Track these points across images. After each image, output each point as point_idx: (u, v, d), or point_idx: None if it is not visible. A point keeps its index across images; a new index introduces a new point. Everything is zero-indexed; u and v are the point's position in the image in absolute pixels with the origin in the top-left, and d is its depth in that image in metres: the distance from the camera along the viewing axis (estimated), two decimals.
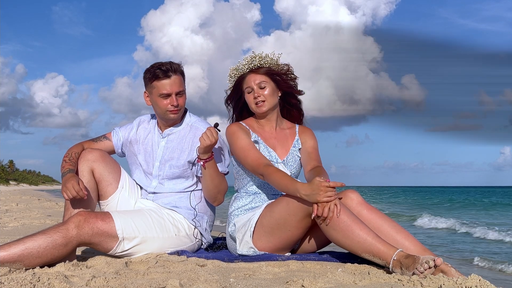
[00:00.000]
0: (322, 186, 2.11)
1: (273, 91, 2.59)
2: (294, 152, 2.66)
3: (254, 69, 2.59)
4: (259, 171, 2.42)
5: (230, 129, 2.59)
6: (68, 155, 2.54)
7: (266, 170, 2.37)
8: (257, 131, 2.65)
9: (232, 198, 2.69)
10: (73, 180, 2.33)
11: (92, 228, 2.24)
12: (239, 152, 2.52)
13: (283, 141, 2.67)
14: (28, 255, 2.09)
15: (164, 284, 1.74)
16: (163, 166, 2.65)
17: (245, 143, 2.51)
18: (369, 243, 2.08)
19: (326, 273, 2.01)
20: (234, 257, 2.42)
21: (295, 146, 2.68)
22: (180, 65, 2.60)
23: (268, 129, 2.67)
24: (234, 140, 2.54)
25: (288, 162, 2.63)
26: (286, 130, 2.72)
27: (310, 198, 2.15)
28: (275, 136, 2.67)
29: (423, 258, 1.92)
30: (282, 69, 2.62)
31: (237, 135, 2.54)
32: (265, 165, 2.40)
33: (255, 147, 2.51)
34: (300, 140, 2.70)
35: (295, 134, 2.72)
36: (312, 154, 2.64)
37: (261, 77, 2.57)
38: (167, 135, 2.69)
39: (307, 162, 2.61)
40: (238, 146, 2.52)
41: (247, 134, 2.57)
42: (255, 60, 2.59)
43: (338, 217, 2.11)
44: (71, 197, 2.31)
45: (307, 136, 2.72)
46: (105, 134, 2.79)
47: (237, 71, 2.65)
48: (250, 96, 2.59)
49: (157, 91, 2.54)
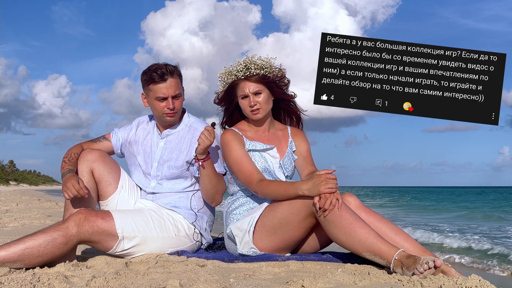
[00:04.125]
0: (323, 177, 2.14)
1: (268, 98, 2.58)
2: (289, 154, 2.67)
3: (248, 76, 2.56)
4: (252, 188, 2.44)
5: (224, 138, 2.57)
6: (68, 155, 2.54)
7: (259, 186, 2.38)
8: (250, 136, 2.63)
9: (228, 200, 2.69)
10: (73, 179, 2.33)
11: (92, 226, 2.24)
12: (232, 164, 2.52)
13: (276, 143, 2.67)
14: (28, 255, 2.09)
15: (164, 284, 1.74)
16: (162, 166, 2.65)
17: (238, 155, 2.50)
18: (370, 242, 2.08)
19: (326, 273, 2.00)
20: (234, 258, 2.42)
21: (290, 148, 2.69)
22: (177, 67, 2.59)
23: (261, 132, 2.67)
24: (228, 151, 2.54)
25: (284, 164, 2.63)
26: (278, 131, 2.72)
27: (312, 192, 2.16)
28: (268, 139, 2.66)
29: (424, 259, 1.92)
30: (276, 75, 2.60)
31: (231, 146, 2.53)
32: (258, 181, 2.40)
33: (248, 159, 2.50)
34: (294, 142, 2.71)
35: (288, 136, 2.72)
36: (308, 158, 2.68)
37: (256, 85, 2.55)
38: (166, 135, 2.69)
39: (304, 167, 2.64)
40: (231, 158, 2.52)
41: (241, 144, 2.55)
42: (251, 68, 2.55)
43: (340, 214, 2.12)
44: (72, 197, 2.31)
45: (301, 139, 2.73)
46: (105, 135, 2.79)
47: (230, 75, 2.61)
48: (245, 103, 2.57)
49: (153, 94, 2.54)
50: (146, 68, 2.58)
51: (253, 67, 2.55)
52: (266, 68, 2.57)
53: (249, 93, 2.55)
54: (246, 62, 2.56)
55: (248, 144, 2.58)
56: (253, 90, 2.55)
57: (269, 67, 2.58)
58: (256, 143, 2.60)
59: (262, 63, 2.57)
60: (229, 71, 2.61)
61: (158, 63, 2.57)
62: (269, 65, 2.58)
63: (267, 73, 2.57)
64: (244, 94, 2.56)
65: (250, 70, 2.54)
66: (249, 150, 2.57)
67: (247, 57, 2.58)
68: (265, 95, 2.57)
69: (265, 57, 2.60)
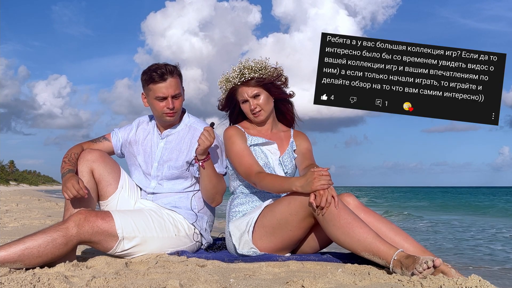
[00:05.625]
0: (316, 174, 2.14)
1: (267, 99, 2.63)
2: (290, 153, 2.71)
3: (244, 81, 2.60)
4: (251, 179, 2.46)
5: (227, 133, 2.62)
6: (68, 155, 2.54)
7: (257, 178, 2.41)
8: (253, 133, 2.68)
9: (229, 199, 2.71)
10: (73, 179, 2.33)
11: (92, 226, 2.24)
12: (234, 157, 2.56)
13: (278, 141, 2.72)
14: (28, 255, 2.09)
15: (164, 285, 1.74)
16: (162, 166, 2.65)
17: (239, 149, 2.55)
18: (369, 242, 2.08)
19: (326, 274, 2.00)
20: (234, 258, 2.42)
21: (291, 147, 2.73)
22: (177, 67, 2.60)
23: (264, 131, 2.71)
24: (230, 145, 2.58)
25: (284, 161, 2.67)
26: (281, 132, 2.77)
27: (305, 188, 2.17)
28: (270, 137, 2.71)
29: (423, 258, 1.92)
30: (272, 75, 2.62)
31: (233, 140, 2.58)
32: (257, 172, 2.43)
33: (249, 153, 2.54)
34: (295, 142, 2.76)
35: (290, 137, 2.77)
36: (307, 154, 2.70)
37: (254, 89, 2.60)
38: (166, 136, 2.69)
39: (302, 162, 2.67)
40: (233, 151, 2.56)
41: (243, 139, 2.60)
42: (245, 73, 2.59)
43: (339, 213, 2.12)
44: (72, 197, 2.31)
45: (302, 139, 2.77)
46: (105, 135, 2.79)
47: (228, 82, 2.65)
48: (246, 107, 2.63)
49: (153, 93, 2.55)
50: (146, 68, 2.59)
51: (247, 72, 2.59)
52: (260, 70, 2.60)
53: (248, 97, 2.61)
54: (240, 68, 2.61)
55: (250, 139, 2.63)
56: (251, 94, 2.60)
57: (264, 69, 2.62)
58: (258, 138, 2.65)
59: (256, 65, 2.61)
60: (226, 78, 2.66)
61: (158, 63, 2.58)
62: (263, 67, 2.62)
63: (262, 75, 2.60)
64: (244, 99, 2.62)
65: (244, 76, 2.59)
66: (250, 145, 2.62)
67: (240, 63, 2.63)
68: (264, 97, 2.61)
69: (259, 59, 2.64)
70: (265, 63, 2.63)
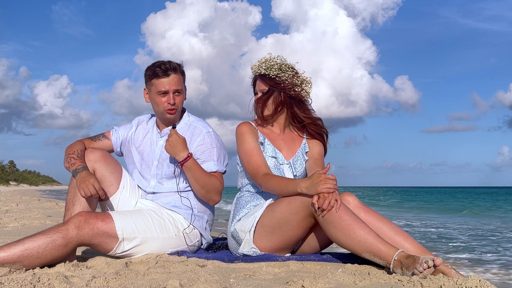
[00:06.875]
0: (322, 176, 2.14)
1: (274, 99, 2.60)
2: (301, 155, 2.68)
3: (262, 74, 2.62)
4: (257, 180, 2.45)
5: (239, 129, 2.61)
6: (75, 152, 2.54)
7: (263, 179, 2.40)
8: (265, 131, 2.67)
9: (235, 196, 2.70)
10: (92, 178, 2.39)
11: (92, 228, 2.24)
12: (243, 155, 2.55)
13: (289, 143, 2.69)
14: (28, 256, 2.09)
15: (164, 285, 1.74)
16: (161, 165, 2.65)
17: (250, 147, 2.53)
18: (370, 242, 2.08)
19: (326, 274, 2.00)
20: (234, 258, 2.42)
21: (302, 149, 2.69)
22: (181, 65, 2.62)
23: (277, 130, 2.70)
24: (240, 142, 2.58)
25: (294, 163, 2.64)
26: (294, 133, 2.73)
27: (310, 190, 2.16)
28: (282, 138, 2.69)
29: (423, 258, 1.92)
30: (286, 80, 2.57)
31: (244, 137, 2.57)
32: (264, 174, 2.42)
33: (259, 152, 2.53)
34: (308, 144, 2.72)
35: (303, 138, 2.73)
36: (318, 160, 2.66)
37: (264, 85, 2.62)
38: (165, 134, 2.69)
39: (312, 168, 2.62)
40: (243, 149, 2.55)
41: (255, 137, 2.59)
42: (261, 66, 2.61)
43: (339, 215, 2.12)
44: (89, 195, 2.35)
45: (315, 142, 2.73)
46: (104, 133, 2.79)
47: (252, 70, 2.69)
48: (255, 98, 2.68)
49: (155, 88, 2.56)
50: (150, 64, 2.62)
51: (264, 66, 2.62)
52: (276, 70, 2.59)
53: (258, 90, 2.65)
54: (265, 59, 2.64)
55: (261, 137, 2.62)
56: (261, 88, 2.63)
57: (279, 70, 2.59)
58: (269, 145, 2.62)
59: (275, 64, 2.61)
60: (251, 67, 2.70)
61: (163, 60, 2.61)
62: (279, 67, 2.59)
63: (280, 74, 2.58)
64: (256, 91, 2.68)
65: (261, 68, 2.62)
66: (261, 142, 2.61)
67: (268, 56, 2.65)
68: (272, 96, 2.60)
69: (283, 58, 2.65)
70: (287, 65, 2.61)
